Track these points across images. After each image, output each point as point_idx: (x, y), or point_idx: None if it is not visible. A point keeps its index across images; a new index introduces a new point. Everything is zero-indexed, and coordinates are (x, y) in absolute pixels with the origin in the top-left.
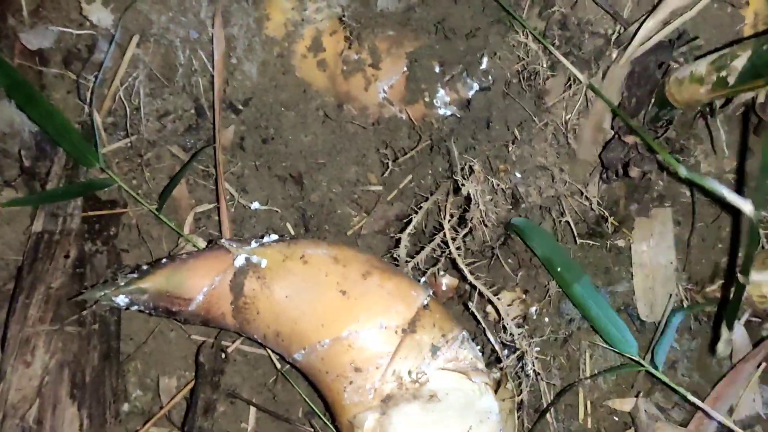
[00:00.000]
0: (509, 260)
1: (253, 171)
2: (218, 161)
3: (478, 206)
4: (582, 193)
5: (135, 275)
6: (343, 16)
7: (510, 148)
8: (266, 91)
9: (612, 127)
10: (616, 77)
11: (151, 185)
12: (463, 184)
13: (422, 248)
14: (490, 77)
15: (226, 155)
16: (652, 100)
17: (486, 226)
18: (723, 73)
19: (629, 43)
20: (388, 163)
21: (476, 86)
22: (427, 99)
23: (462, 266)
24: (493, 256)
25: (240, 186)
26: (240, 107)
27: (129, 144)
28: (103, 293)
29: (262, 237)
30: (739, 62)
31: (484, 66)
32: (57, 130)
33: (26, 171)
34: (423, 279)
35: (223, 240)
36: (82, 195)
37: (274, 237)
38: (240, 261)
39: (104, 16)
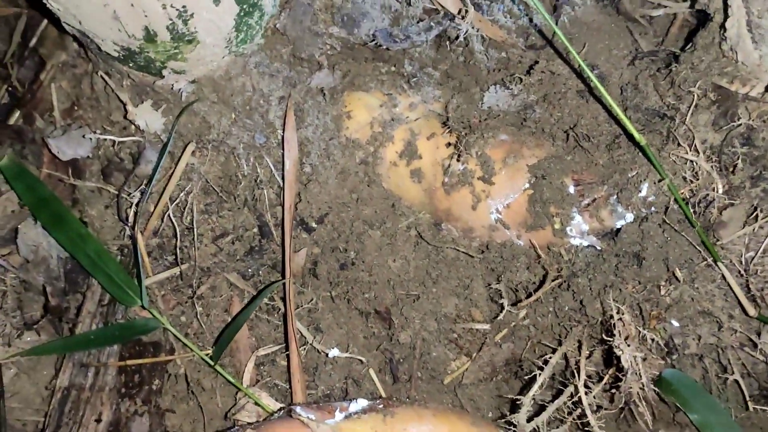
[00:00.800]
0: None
1: (328, 304)
2: (288, 296)
3: (639, 378)
4: (756, 345)
5: None
6: (447, 119)
7: (664, 290)
8: (346, 206)
9: None
10: None
11: (204, 323)
12: (620, 349)
13: (542, 406)
14: (653, 208)
15: (295, 283)
16: None
17: (641, 401)
18: None
19: None
20: (502, 303)
21: (630, 216)
22: (557, 226)
23: None
24: (624, 409)
25: (312, 323)
26: (313, 225)
27: (178, 273)
28: None
29: (345, 397)
30: None
31: (644, 192)
32: (91, 259)
33: (52, 310)
34: None
35: (298, 409)
36: (119, 341)
37: (363, 403)
38: None
39: (154, 119)
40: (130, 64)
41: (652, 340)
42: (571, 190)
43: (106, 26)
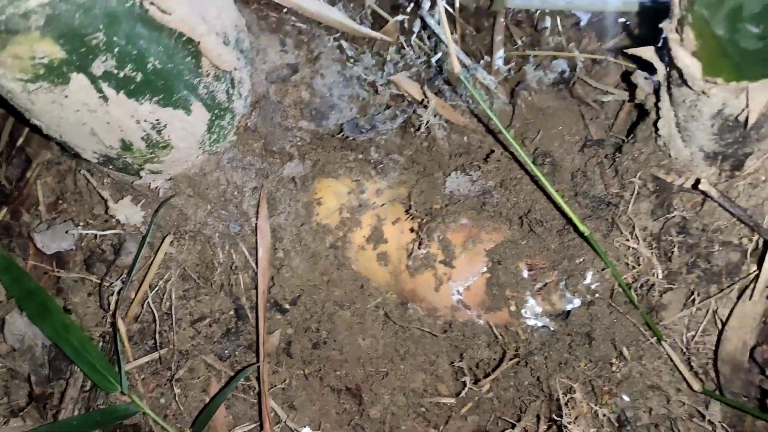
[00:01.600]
0: None
1: (301, 381)
2: (262, 378)
3: None
4: (703, 417)
5: None
6: (410, 206)
7: (615, 367)
8: (317, 288)
9: (752, 358)
10: (758, 300)
11: (182, 404)
12: (568, 429)
13: None
14: (597, 294)
15: (270, 363)
16: None
17: None
18: None
19: None
20: (464, 381)
21: (577, 301)
22: (512, 308)
23: None
24: None
25: (287, 400)
26: (287, 307)
27: (157, 357)
28: None
29: None
30: None
31: (588, 280)
32: (74, 347)
33: (36, 398)
34: None
35: None
36: (101, 427)
37: None
38: None
39: (133, 213)
40: (110, 167)
41: (604, 415)
42: (525, 274)
43: (84, 139)
